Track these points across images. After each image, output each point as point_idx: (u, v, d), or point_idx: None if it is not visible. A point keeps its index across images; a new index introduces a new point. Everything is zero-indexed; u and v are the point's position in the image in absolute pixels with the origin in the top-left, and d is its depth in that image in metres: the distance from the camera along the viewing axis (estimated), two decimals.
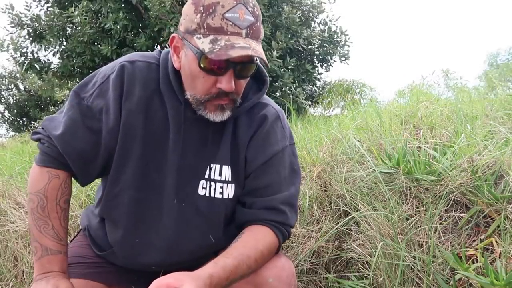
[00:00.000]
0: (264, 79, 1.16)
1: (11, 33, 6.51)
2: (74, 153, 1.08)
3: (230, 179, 1.11)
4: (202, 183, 1.10)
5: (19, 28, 6.47)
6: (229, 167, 1.11)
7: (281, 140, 1.14)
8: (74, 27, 6.11)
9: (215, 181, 1.11)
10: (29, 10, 6.57)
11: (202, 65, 0.95)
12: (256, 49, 0.93)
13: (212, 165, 1.10)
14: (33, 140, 1.15)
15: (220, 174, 1.11)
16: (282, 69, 6.10)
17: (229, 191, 1.12)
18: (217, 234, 1.14)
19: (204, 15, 0.92)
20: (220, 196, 1.11)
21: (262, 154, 1.11)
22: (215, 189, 1.11)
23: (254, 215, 1.11)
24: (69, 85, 7.83)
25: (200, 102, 1.01)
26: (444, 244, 1.44)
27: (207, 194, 1.11)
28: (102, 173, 1.14)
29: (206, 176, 1.10)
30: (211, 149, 1.10)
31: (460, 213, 1.48)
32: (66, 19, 6.12)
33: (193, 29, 0.94)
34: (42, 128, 1.12)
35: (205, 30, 0.93)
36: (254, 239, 1.05)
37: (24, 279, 1.85)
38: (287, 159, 1.15)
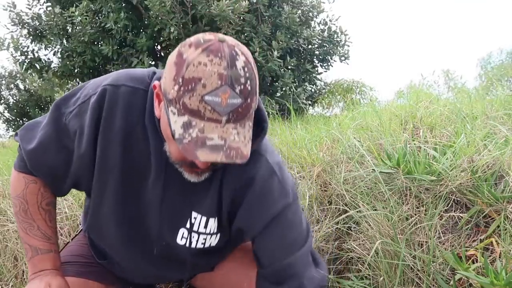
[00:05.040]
0: (264, 126, 0.99)
1: (11, 32, 6.50)
2: (44, 168, 1.05)
3: (215, 231, 1.07)
4: (183, 232, 1.05)
5: (20, 27, 6.46)
6: (216, 219, 1.05)
7: (280, 199, 1.03)
8: (75, 27, 6.11)
9: (199, 233, 1.05)
10: (30, 9, 6.56)
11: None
12: (231, 144, 0.79)
13: (195, 214, 1.04)
14: (15, 141, 1.11)
15: (205, 227, 1.05)
16: (282, 69, 6.10)
17: (212, 240, 1.08)
18: (205, 268, 1.16)
19: (181, 90, 0.78)
20: (201, 246, 1.07)
21: (259, 221, 1.02)
22: (197, 241, 1.06)
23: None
24: (69, 85, 7.82)
25: (175, 162, 0.95)
26: (444, 244, 1.44)
27: (187, 245, 1.06)
28: (75, 188, 1.12)
29: (187, 226, 1.05)
30: (195, 196, 1.03)
31: (460, 213, 1.48)
32: (66, 19, 6.11)
33: (169, 99, 0.82)
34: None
35: (181, 107, 0.79)
36: None
37: (24, 279, 1.85)
38: (290, 218, 1.05)
